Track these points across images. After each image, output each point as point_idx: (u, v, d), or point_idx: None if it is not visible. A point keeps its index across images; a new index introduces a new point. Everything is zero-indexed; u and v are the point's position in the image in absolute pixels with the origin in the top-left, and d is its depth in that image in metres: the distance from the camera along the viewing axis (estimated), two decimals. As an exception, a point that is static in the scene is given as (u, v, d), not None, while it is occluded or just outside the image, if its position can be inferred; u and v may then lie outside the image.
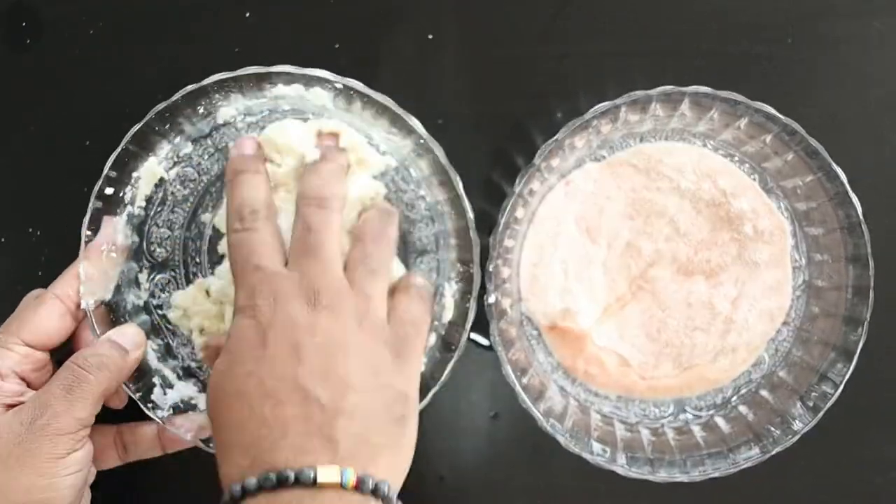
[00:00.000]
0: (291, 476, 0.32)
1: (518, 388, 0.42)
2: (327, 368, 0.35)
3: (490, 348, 0.48)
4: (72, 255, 0.43)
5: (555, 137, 0.41)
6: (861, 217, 0.42)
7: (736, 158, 0.46)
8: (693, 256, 0.46)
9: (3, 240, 0.49)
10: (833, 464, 0.48)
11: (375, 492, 0.33)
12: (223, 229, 0.44)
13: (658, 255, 0.47)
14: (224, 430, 0.35)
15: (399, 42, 0.48)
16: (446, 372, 0.43)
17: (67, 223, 0.43)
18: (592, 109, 0.41)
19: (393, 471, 0.35)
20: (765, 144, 0.44)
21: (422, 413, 0.48)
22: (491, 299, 0.42)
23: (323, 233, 0.39)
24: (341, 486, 0.32)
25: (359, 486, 0.33)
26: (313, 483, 0.32)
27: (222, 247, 0.45)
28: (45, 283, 0.43)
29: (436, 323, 0.45)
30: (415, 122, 0.42)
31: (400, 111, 0.42)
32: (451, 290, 0.44)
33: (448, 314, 0.44)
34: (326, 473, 0.32)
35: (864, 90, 0.48)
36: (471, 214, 0.42)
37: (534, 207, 0.46)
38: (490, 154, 0.48)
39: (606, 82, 0.48)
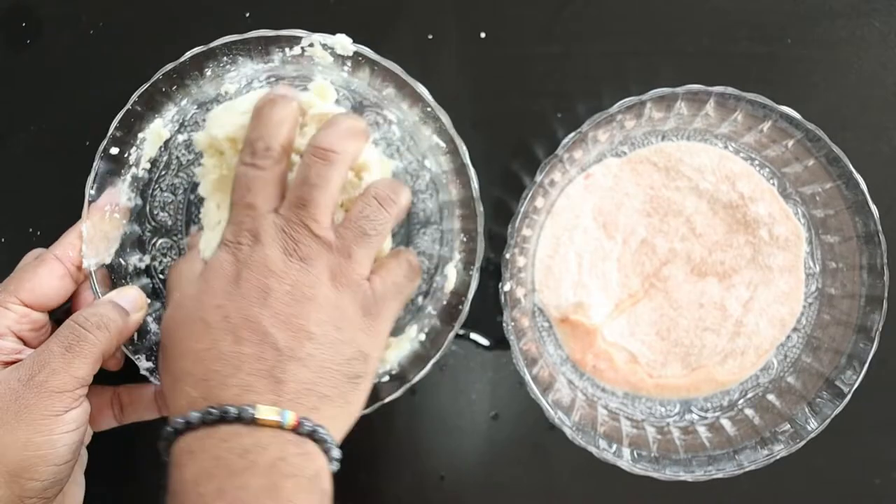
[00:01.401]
0: (233, 412, 0.33)
1: (528, 378, 0.42)
2: (290, 315, 0.36)
3: (490, 348, 0.48)
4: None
5: (579, 129, 0.42)
6: (879, 226, 0.42)
7: (756, 162, 0.47)
8: (707, 257, 0.46)
9: (3, 240, 0.49)
10: (834, 465, 0.48)
11: (312, 435, 0.34)
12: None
13: (672, 254, 0.47)
14: (180, 359, 0.36)
15: (399, 42, 0.48)
16: (446, 342, 0.43)
17: (67, 223, 0.43)
18: (618, 104, 0.41)
19: (334, 422, 0.36)
20: (786, 149, 0.44)
21: (422, 412, 0.48)
22: (506, 287, 0.42)
23: (319, 187, 0.38)
24: (280, 425, 0.34)
25: (297, 428, 0.34)
26: (252, 420, 0.33)
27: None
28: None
29: (438, 293, 0.45)
30: (422, 90, 0.42)
31: (408, 78, 0.42)
32: (454, 261, 0.44)
33: (450, 284, 0.44)
34: (266, 412, 0.33)
35: (864, 90, 0.49)
36: (475, 183, 0.42)
37: (553, 198, 0.46)
38: (489, 154, 0.48)
39: (605, 83, 0.48)
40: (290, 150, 0.40)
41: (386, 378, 0.44)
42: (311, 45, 0.42)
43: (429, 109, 0.43)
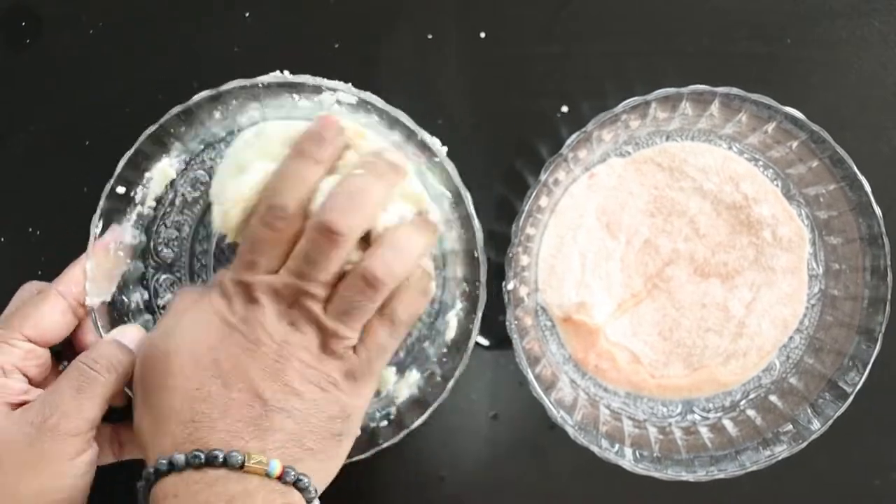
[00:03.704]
0: (220, 457, 0.33)
1: (530, 377, 0.42)
2: (277, 373, 0.36)
3: (490, 348, 0.48)
4: (72, 256, 0.43)
5: (583, 129, 0.42)
6: (883, 228, 0.42)
7: (760, 163, 0.46)
8: (710, 258, 0.46)
9: (2, 240, 0.49)
10: (835, 466, 0.48)
11: (297, 484, 0.35)
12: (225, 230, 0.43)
13: (676, 255, 0.47)
14: (166, 395, 0.36)
15: (399, 42, 0.48)
16: (446, 391, 0.43)
17: (67, 223, 0.43)
18: (623, 103, 0.41)
19: (316, 475, 0.36)
20: (790, 150, 0.44)
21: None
22: (509, 286, 0.42)
23: (318, 265, 0.37)
24: (266, 474, 0.34)
25: (282, 477, 0.34)
26: (240, 467, 0.33)
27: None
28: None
29: (438, 340, 0.45)
30: (429, 139, 0.42)
31: (415, 127, 0.42)
32: (455, 309, 0.44)
33: (451, 332, 0.44)
34: (254, 459, 0.34)
35: (864, 90, 0.49)
36: (479, 233, 0.42)
37: (557, 198, 0.46)
38: (491, 153, 0.48)
39: (605, 83, 0.48)
40: (304, 209, 0.39)
41: (384, 423, 0.44)
42: (319, 92, 0.42)
43: (436, 159, 0.42)
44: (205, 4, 0.49)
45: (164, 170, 0.44)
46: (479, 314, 0.42)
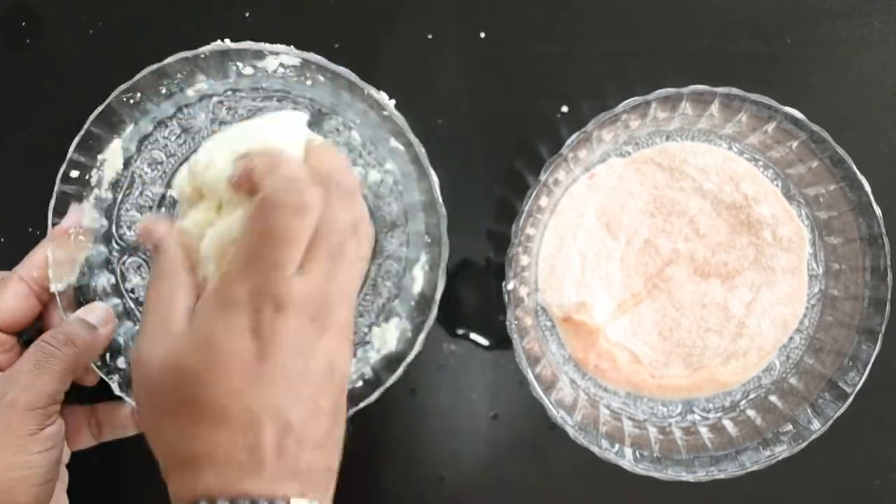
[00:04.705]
0: None
1: (530, 377, 0.42)
2: (315, 396, 0.32)
3: (490, 348, 0.48)
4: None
5: (583, 129, 0.42)
6: (883, 228, 0.42)
7: (760, 163, 0.46)
8: (710, 258, 0.46)
9: (2, 240, 0.49)
10: (835, 466, 0.48)
11: None
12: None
13: (676, 255, 0.47)
14: (189, 441, 0.31)
15: (399, 42, 0.48)
16: (417, 344, 0.42)
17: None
18: (623, 103, 0.41)
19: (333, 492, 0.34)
20: (790, 150, 0.44)
21: (422, 413, 0.48)
22: (509, 286, 0.42)
23: (351, 236, 0.33)
24: None
25: None
26: None
27: None
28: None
29: (406, 295, 0.45)
30: (377, 94, 0.41)
31: (360, 83, 0.41)
32: (420, 262, 0.44)
33: (417, 286, 0.44)
34: None
35: (864, 90, 0.49)
36: (436, 185, 0.42)
37: (557, 198, 0.46)
38: (491, 153, 0.48)
39: (605, 83, 0.48)
40: None
41: (360, 383, 0.44)
42: (263, 58, 0.42)
43: (385, 113, 0.42)
44: (205, 4, 0.49)
45: (118, 150, 0.44)
46: (443, 265, 0.42)
